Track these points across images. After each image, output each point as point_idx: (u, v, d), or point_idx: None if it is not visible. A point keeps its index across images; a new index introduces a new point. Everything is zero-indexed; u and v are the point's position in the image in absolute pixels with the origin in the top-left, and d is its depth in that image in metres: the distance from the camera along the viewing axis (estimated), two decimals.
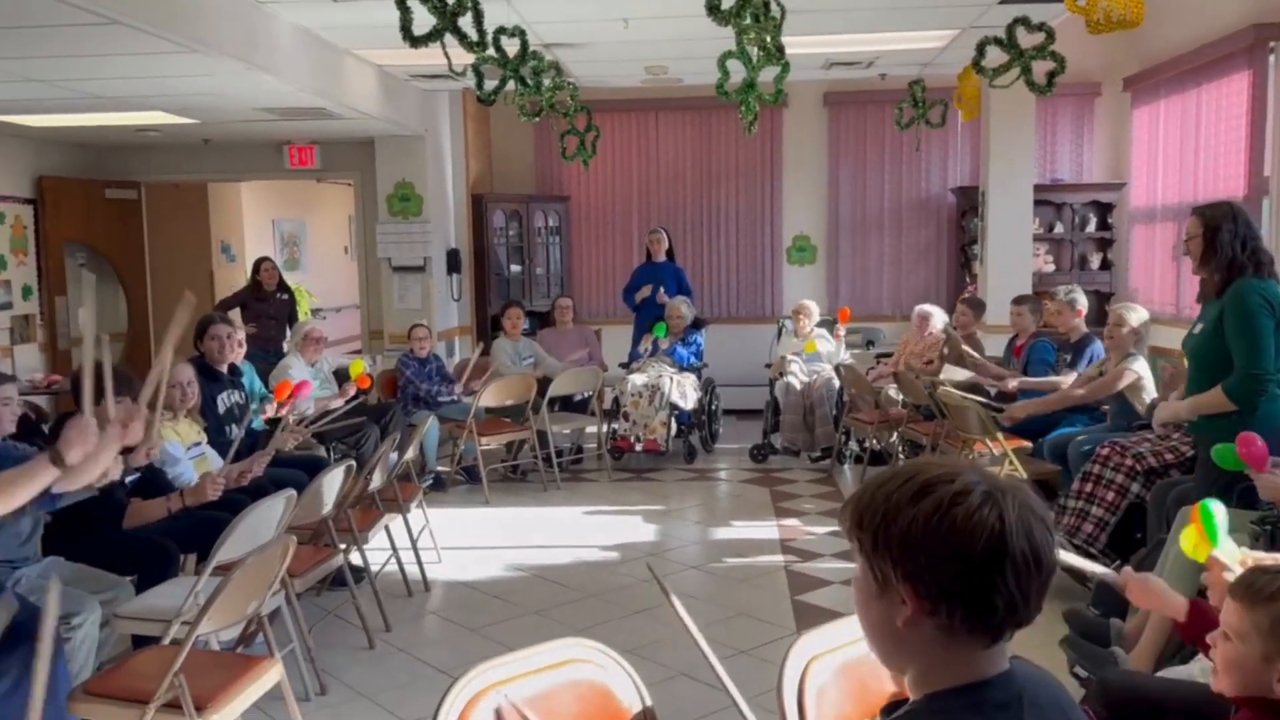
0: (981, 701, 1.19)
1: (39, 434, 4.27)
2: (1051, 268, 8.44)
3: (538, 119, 6.14)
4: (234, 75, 5.67)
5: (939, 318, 7.04)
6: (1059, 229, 8.41)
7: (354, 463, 4.27)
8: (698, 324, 7.74)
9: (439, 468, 6.72)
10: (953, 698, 1.19)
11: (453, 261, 8.62)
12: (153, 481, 4.00)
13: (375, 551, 4.67)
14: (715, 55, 4.58)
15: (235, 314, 7.63)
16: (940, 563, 1.15)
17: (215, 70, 5.54)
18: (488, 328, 8.88)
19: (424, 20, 4.09)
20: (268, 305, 8.12)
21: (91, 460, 2.40)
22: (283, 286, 8.38)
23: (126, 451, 2.85)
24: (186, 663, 2.73)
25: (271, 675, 3.04)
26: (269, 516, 3.52)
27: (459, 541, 5.57)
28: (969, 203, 8.68)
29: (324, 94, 6.43)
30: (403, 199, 8.32)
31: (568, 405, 7.32)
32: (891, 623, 1.20)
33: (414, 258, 8.29)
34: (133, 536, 3.77)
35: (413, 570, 4.83)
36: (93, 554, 3.55)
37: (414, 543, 4.87)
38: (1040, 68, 5.02)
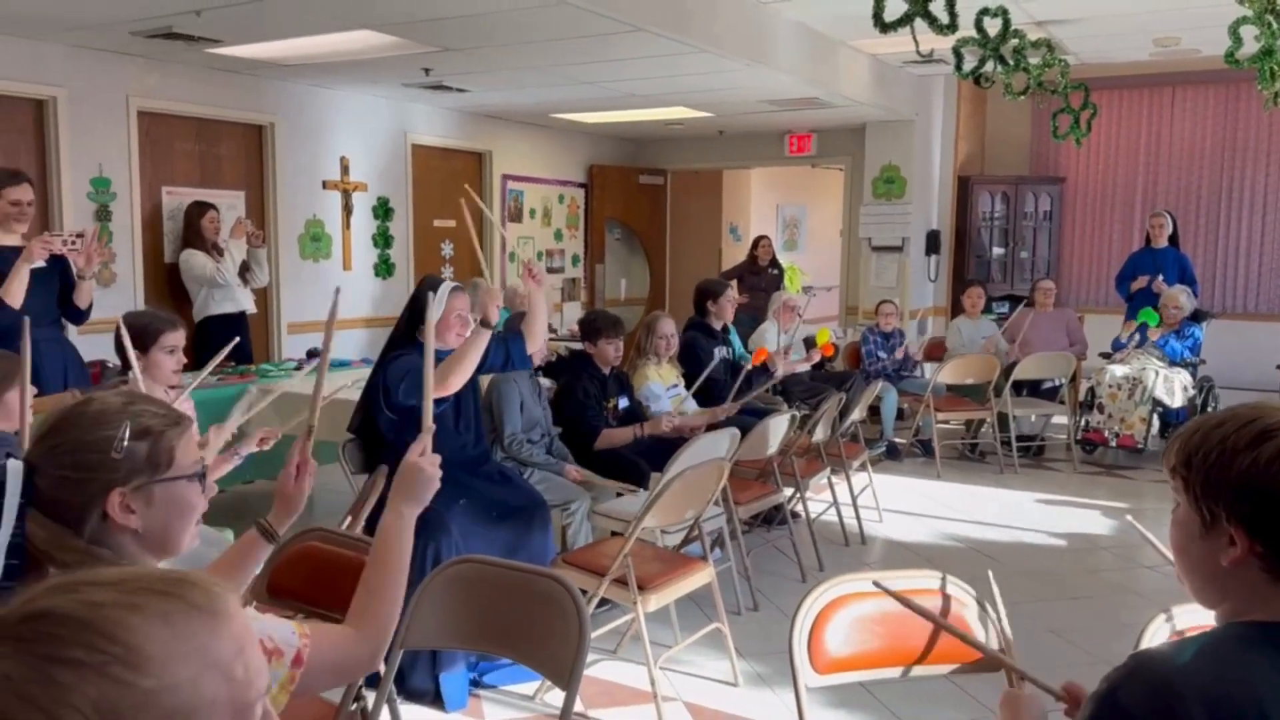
0: None
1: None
2: None
3: (1022, 97, 6.06)
4: (739, 70, 6.38)
5: None
6: None
7: (797, 414, 4.73)
8: (1198, 316, 7.06)
9: (895, 438, 6.96)
10: (1259, 629, 1.16)
11: (932, 242, 8.74)
12: (634, 413, 4.83)
13: (818, 502, 5.12)
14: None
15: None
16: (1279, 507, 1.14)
17: (723, 67, 6.28)
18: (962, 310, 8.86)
19: (896, 8, 4.34)
20: (760, 278, 8.91)
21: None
22: (774, 263, 9.14)
23: None
24: (636, 551, 3.37)
25: (703, 576, 3.58)
26: (716, 445, 4.10)
27: (902, 507, 5.78)
28: None
29: (817, 84, 6.93)
30: (887, 181, 8.62)
31: (1035, 390, 7.12)
32: (1215, 561, 1.19)
33: (893, 238, 8.56)
34: (616, 455, 4.60)
35: (851, 524, 5.19)
36: (585, 466, 4.44)
37: (854, 499, 5.22)
38: None
